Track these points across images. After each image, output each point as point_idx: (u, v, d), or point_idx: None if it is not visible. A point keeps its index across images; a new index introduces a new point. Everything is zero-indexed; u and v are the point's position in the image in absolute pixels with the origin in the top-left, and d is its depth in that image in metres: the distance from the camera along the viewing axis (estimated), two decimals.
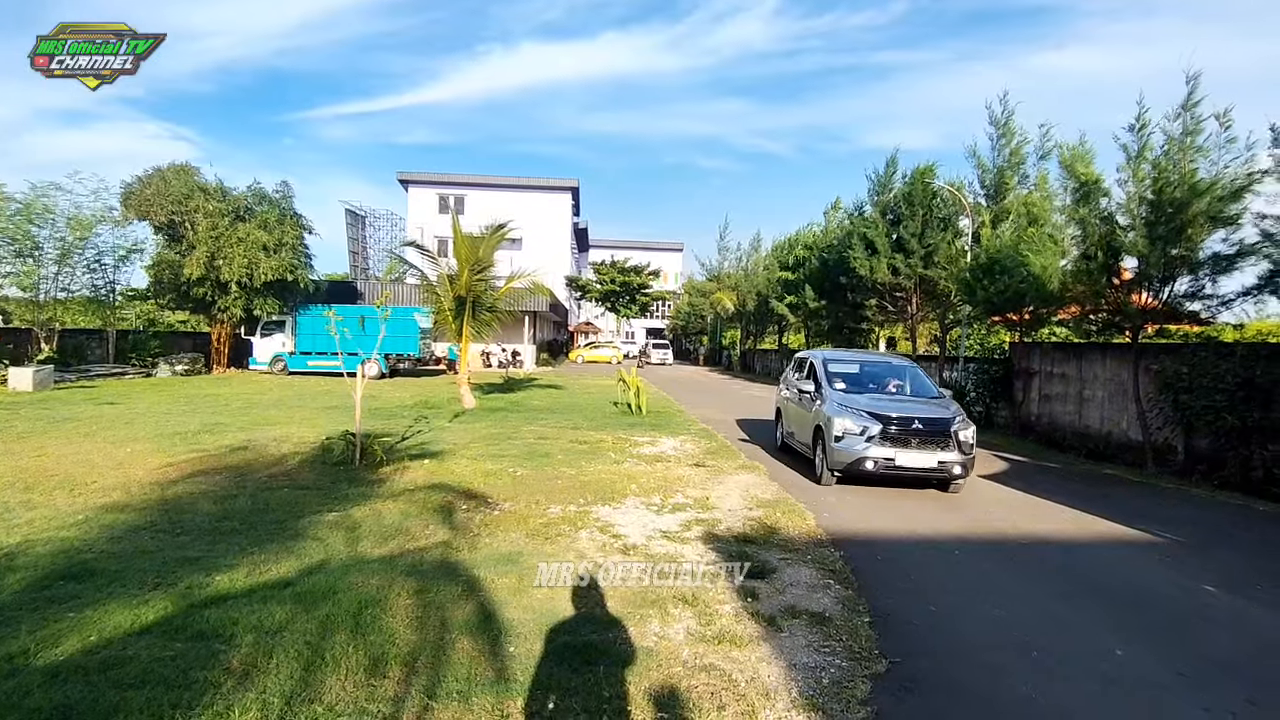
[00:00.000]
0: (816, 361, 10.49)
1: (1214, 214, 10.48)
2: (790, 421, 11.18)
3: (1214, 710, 3.58)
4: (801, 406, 10.36)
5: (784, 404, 11.76)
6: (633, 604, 4.59)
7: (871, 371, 10.50)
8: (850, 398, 9.26)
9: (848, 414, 8.72)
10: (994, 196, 18.25)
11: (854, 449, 8.46)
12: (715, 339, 52.22)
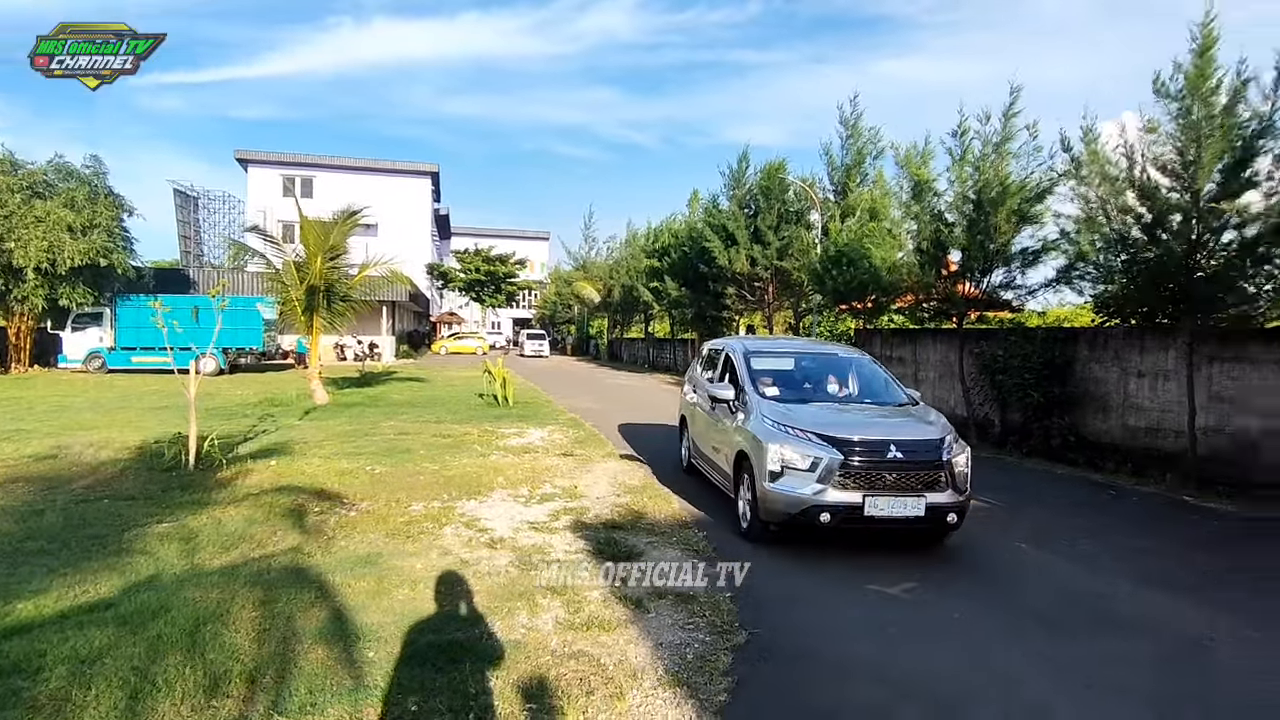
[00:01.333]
0: (734, 355, 7.37)
1: (1023, 213, 11.79)
2: (700, 438, 8.08)
3: (1028, 653, 4.05)
4: (715, 419, 7.29)
5: (690, 412, 8.61)
6: (500, 598, 4.52)
7: (811, 368, 7.55)
8: (790, 410, 6.21)
9: (788, 437, 5.76)
10: (841, 193, 19.51)
11: (799, 492, 5.53)
12: (583, 329, 52.34)
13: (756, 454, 5.94)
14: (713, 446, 7.46)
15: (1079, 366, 11.07)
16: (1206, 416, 9.17)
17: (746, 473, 6.16)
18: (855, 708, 3.40)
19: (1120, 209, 9.50)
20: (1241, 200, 8.53)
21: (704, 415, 7.86)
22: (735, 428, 6.62)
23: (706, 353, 8.78)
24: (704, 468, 7.95)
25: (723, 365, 7.66)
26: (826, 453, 5.55)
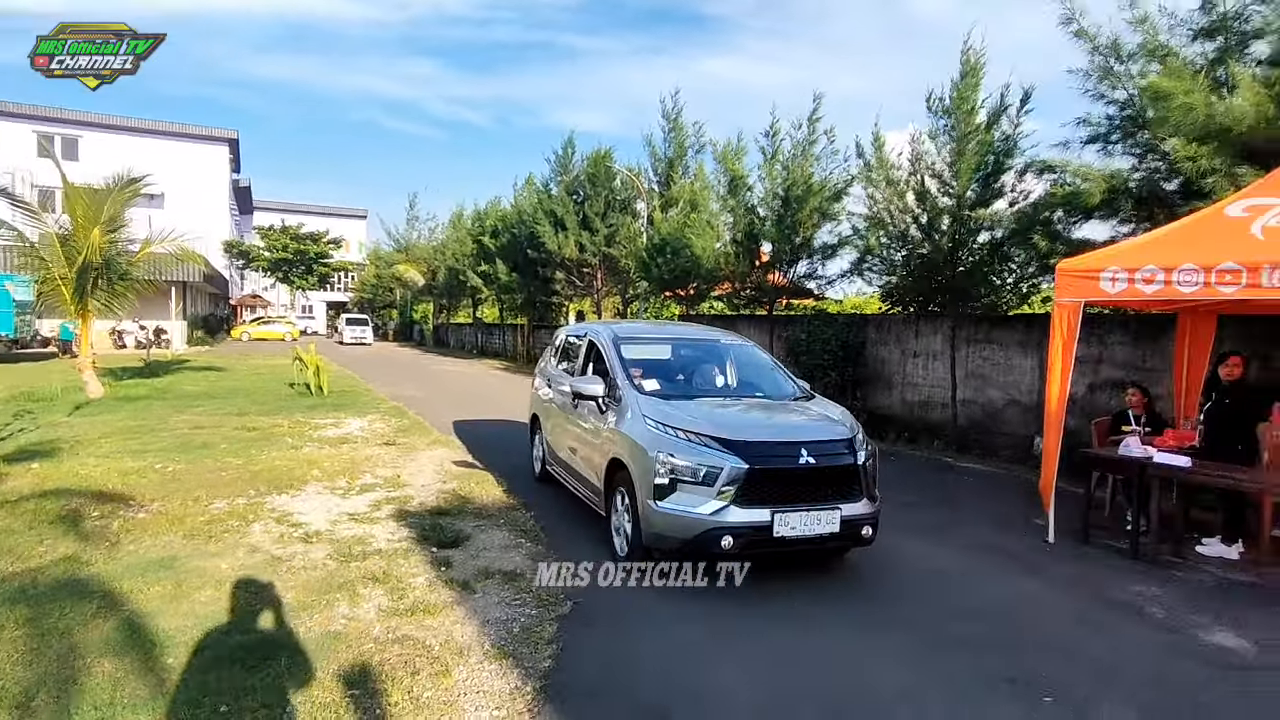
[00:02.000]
0: (602, 342, 6.11)
1: (823, 210, 13.02)
2: (557, 441, 6.79)
3: (847, 619, 4.56)
4: (577, 419, 6.10)
5: (544, 410, 7.30)
6: (317, 591, 4.34)
7: (691, 357, 6.41)
8: (675, 408, 5.04)
9: (678, 443, 4.68)
10: (665, 183, 20.26)
11: (694, 512, 4.51)
12: (406, 313, 49.97)
13: (638, 464, 4.79)
14: (574, 451, 6.19)
15: (869, 349, 12.47)
16: (964, 390, 10.75)
17: (623, 486, 5.03)
18: (672, 660, 3.69)
19: (901, 210, 10.80)
20: (992, 207, 10.06)
21: (562, 414, 6.54)
22: (607, 430, 5.38)
23: (563, 341, 7.39)
24: (563, 476, 6.64)
25: (586, 355, 6.39)
26: (727, 461, 4.52)
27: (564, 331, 7.60)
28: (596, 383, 5.69)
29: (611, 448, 5.30)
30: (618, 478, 5.21)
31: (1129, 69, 7.81)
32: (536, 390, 7.79)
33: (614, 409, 5.44)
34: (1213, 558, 5.63)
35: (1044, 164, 9.05)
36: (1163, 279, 5.22)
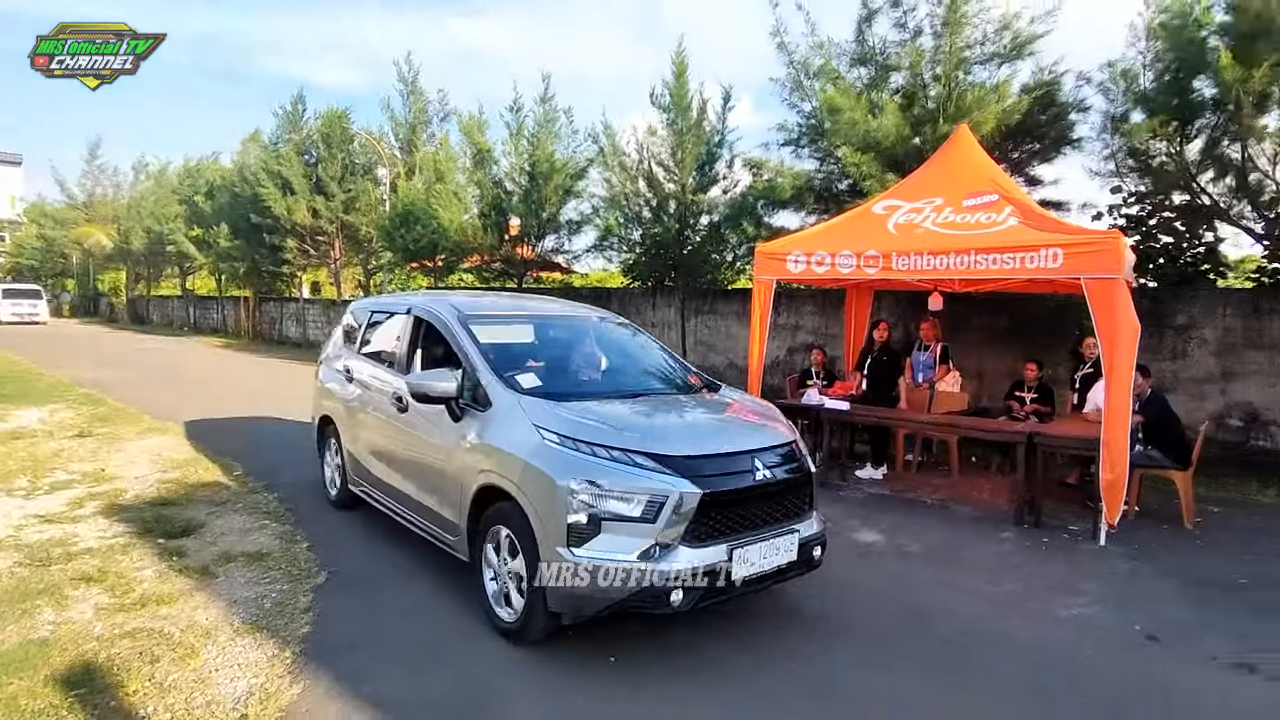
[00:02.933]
0: (444, 321, 4.47)
1: (567, 188, 13.63)
2: (367, 456, 5.09)
3: None
4: (409, 428, 4.49)
5: (342, 413, 5.48)
6: (7, 602, 3.85)
7: (563, 340, 4.94)
8: (577, 413, 3.64)
9: (600, 464, 3.32)
10: (408, 149, 19.48)
11: (630, 560, 3.21)
12: (88, 284, 41.74)
13: (537, 497, 3.33)
14: (403, 471, 4.53)
15: None
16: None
17: (505, 526, 3.55)
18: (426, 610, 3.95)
19: (634, 193, 11.77)
20: (710, 194, 11.41)
21: (378, 419, 4.83)
22: (468, 445, 3.81)
23: (363, 320, 5.63)
24: (383, 501, 4.90)
25: (413, 339, 4.72)
26: (673, 485, 3.24)
27: (362, 307, 5.84)
28: (445, 378, 3.87)
29: (478, 470, 3.69)
30: (491, 513, 3.65)
31: (814, 85, 9.39)
32: (324, 384, 5.82)
33: (475, 415, 3.82)
34: (865, 479, 7.23)
35: (751, 160, 10.52)
36: (830, 262, 6.53)
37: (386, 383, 4.84)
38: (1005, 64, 8.99)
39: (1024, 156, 9.20)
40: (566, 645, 3.52)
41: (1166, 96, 7.83)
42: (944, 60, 8.95)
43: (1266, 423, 7.75)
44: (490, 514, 3.68)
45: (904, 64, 9.15)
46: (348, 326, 5.96)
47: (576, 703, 3.09)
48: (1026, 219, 6.07)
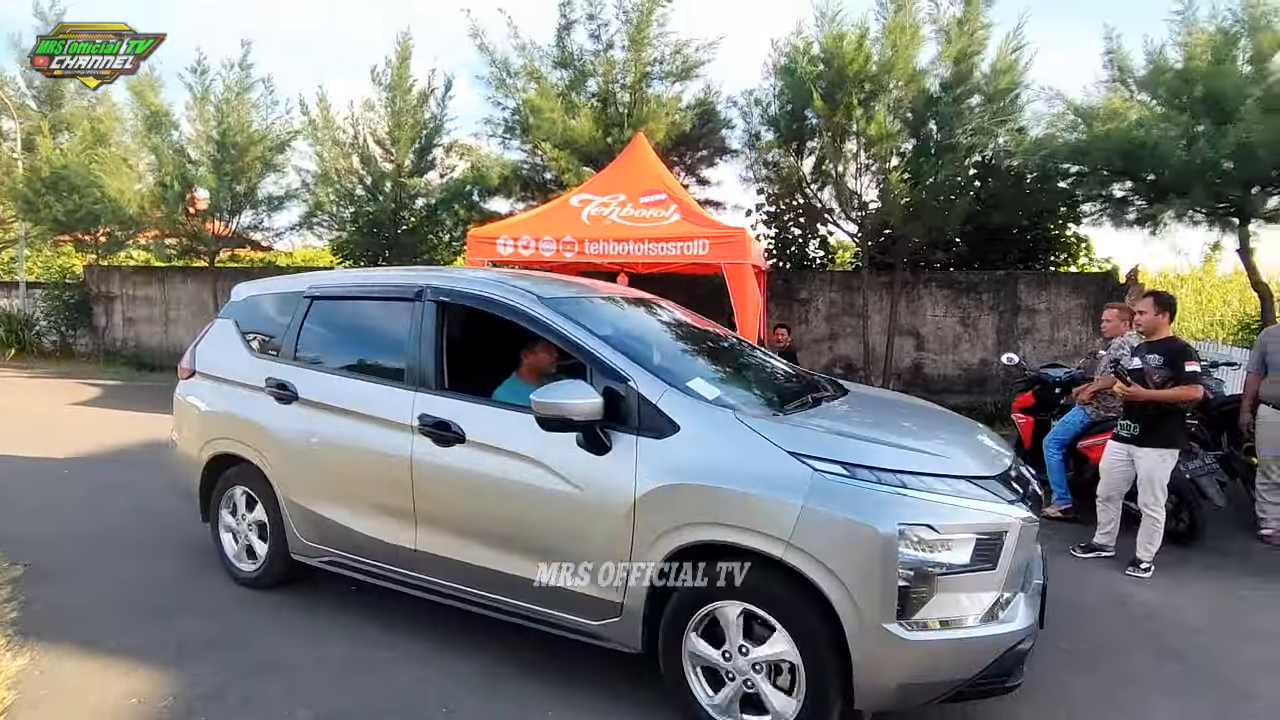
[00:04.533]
0: (522, 310, 3.05)
1: (266, 160, 12.82)
2: (364, 512, 3.35)
3: None
4: (483, 475, 2.92)
5: (287, 450, 3.59)
6: None
7: (647, 330, 3.58)
8: (828, 429, 2.65)
9: (920, 496, 2.33)
10: (48, 101, 16.33)
11: (980, 627, 2.34)
12: None
13: (837, 554, 2.29)
14: (464, 535, 3.04)
15: None
16: None
17: (747, 602, 2.45)
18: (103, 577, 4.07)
19: (348, 170, 11.61)
20: (426, 177, 11.74)
21: (376, 459, 3.25)
22: (651, 490, 2.54)
23: (294, 312, 3.81)
24: (393, 575, 3.32)
25: (437, 339, 3.22)
26: (1008, 513, 2.44)
27: (281, 293, 3.96)
28: (584, 393, 2.62)
29: (679, 525, 2.50)
30: (688, 590, 2.53)
31: (517, 83, 10.25)
32: (213, 408, 3.97)
33: (644, 444, 2.61)
34: None
35: (464, 147, 11.09)
36: (534, 247, 7.48)
37: (391, 405, 3.19)
38: (678, 82, 10.77)
39: (693, 161, 11.11)
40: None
41: (788, 122, 10.10)
42: (632, 73, 10.41)
43: (858, 369, 10.52)
44: (686, 592, 2.52)
45: (599, 72, 10.43)
46: (251, 322, 4.02)
47: None
48: (686, 215, 7.63)
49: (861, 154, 10.01)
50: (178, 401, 4.25)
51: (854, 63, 9.26)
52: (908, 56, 9.53)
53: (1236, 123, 7.62)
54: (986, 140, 9.62)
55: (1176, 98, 8.54)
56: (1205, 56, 8.42)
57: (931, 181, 9.53)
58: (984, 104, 9.58)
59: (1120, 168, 8.75)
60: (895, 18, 9.65)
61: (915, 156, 9.87)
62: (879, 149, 9.66)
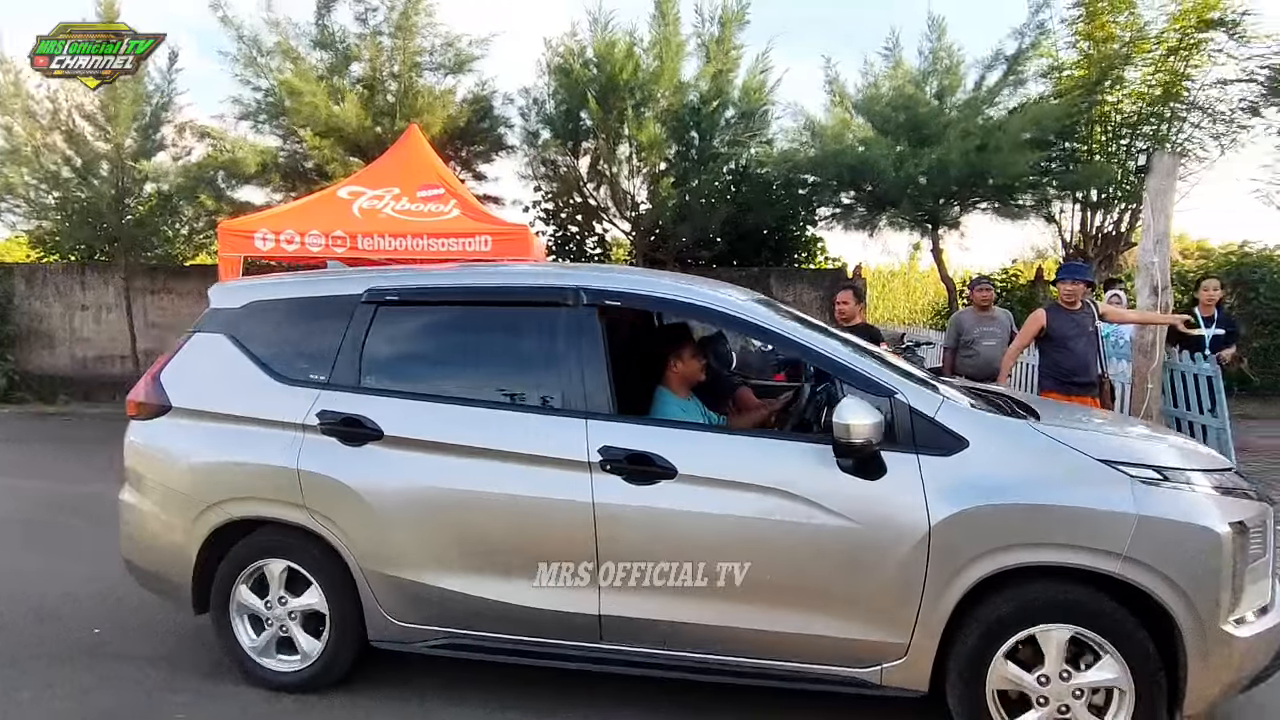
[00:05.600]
0: (735, 317, 2.70)
1: None
2: (508, 573, 2.62)
3: None
4: (702, 513, 2.43)
5: (373, 506, 2.67)
6: None
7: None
8: (1093, 431, 2.61)
9: (1211, 494, 2.34)
10: None
11: (1267, 616, 2.36)
12: None
13: (1178, 562, 2.19)
14: (677, 587, 2.48)
15: (20, 303, 10.84)
16: (145, 341, 10.76)
17: (1072, 624, 2.27)
18: None
19: (49, 147, 9.74)
20: (157, 159, 10.22)
21: (534, 508, 2.57)
22: (952, 515, 2.26)
23: (355, 321, 2.85)
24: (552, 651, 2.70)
25: (605, 353, 2.64)
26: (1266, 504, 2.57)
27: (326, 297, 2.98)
28: (868, 412, 2.27)
29: (985, 551, 2.27)
30: (999, 612, 2.32)
31: (270, 63, 9.33)
32: (241, 462, 2.88)
33: (928, 462, 2.34)
34: None
35: (202, 129, 9.84)
36: (299, 241, 6.92)
37: (554, 437, 2.57)
38: (451, 75, 10.50)
39: (470, 156, 10.93)
40: None
41: (564, 122, 10.34)
42: (400, 61, 9.95)
43: None
44: (994, 622, 2.30)
45: (364, 56, 9.83)
46: (267, 337, 2.97)
47: None
48: (466, 210, 7.52)
49: (634, 157, 10.55)
50: (138, 450, 3.02)
51: (624, 70, 9.72)
52: (674, 69, 10.22)
53: (930, 146, 9.25)
54: (741, 150, 10.64)
55: (886, 123, 10.13)
56: (907, 90, 10.12)
57: (696, 186, 10.35)
58: (738, 118, 10.59)
59: (848, 180, 10.20)
60: (662, 31, 10.30)
61: (681, 162, 10.63)
62: (649, 154, 10.26)
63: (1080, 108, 9.68)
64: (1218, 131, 10.04)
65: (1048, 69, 10.35)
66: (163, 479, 2.92)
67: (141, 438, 3.00)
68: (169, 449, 2.93)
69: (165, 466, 2.93)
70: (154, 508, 2.92)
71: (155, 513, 2.92)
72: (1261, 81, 9.53)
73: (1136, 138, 10.06)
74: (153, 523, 2.93)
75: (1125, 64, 9.80)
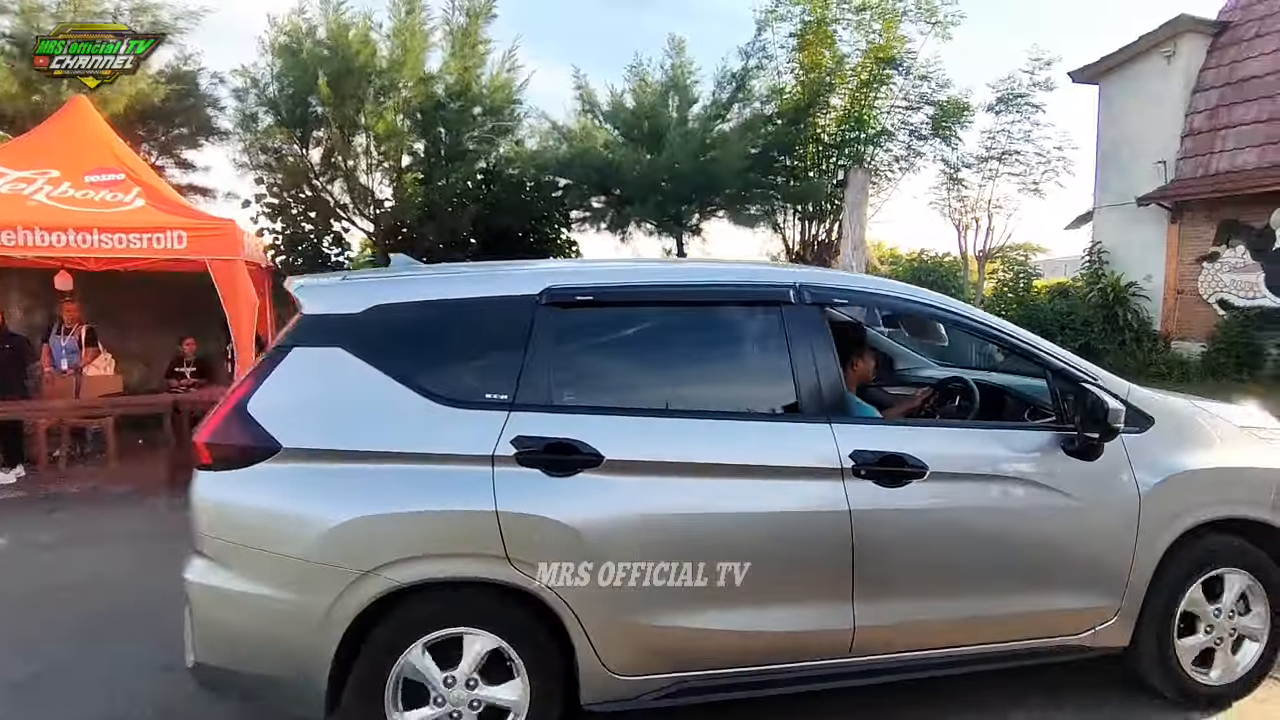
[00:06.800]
0: (946, 312, 2.73)
1: None
2: (762, 601, 2.24)
3: None
4: (969, 506, 2.42)
5: (598, 548, 2.07)
6: None
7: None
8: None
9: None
10: None
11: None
12: None
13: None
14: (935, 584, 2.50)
15: None
16: None
17: (1238, 570, 2.72)
18: None
19: None
20: None
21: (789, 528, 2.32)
22: (1156, 484, 2.54)
23: (539, 326, 2.29)
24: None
25: (838, 351, 2.54)
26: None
27: (571, 282, 2.44)
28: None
29: (1188, 510, 2.60)
30: (1179, 574, 2.63)
31: None
32: (397, 513, 2.11)
33: (1133, 443, 2.55)
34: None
35: None
36: None
37: (799, 446, 2.39)
38: None
39: (169, 140, 9.39)
40: None
41: (291, 107, 9.28)
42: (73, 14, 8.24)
43: None
44: (1182, 570, 2.62)
45: (14, 8, 7.99)
46: (409, 352, 2.31)
47: None
48: (155, 201, 6.38)
49: (373, 150, 9.80)
50: (226, 512, 2.19)
51: (361, 54, 8.98)
52: (417, 59, 9.64)
53: (669, 154, 9.73)
54: (490, 149, 10.36)
55: (631, 130, 10.49)
56: (650, 101, 10.57)
57: (444, 184, 9.87)
58: (486, 114, 10.28)
59: (596, 182, 10.40)
60: (405, 20, 9.67)
61: (427, 158, 10.08)
62: (390, 146, 9.58)
63: (796, 128, 10.81)
64: (899, 155, 11.81)
65: (770, 91, 11.42)
66: (280, 546, 2.12)
67: (231, 494, 2.18)
68: (288, 505, 2.15)
69: (284, 529, 2.14)
70: (264, 587, 2.12)
71: (268, 594, 2.12)
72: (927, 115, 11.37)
73: (842, 157, 11.48)
74: (263, 607, 2.13)
75: (830, 91, 11.14)
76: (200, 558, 2.18)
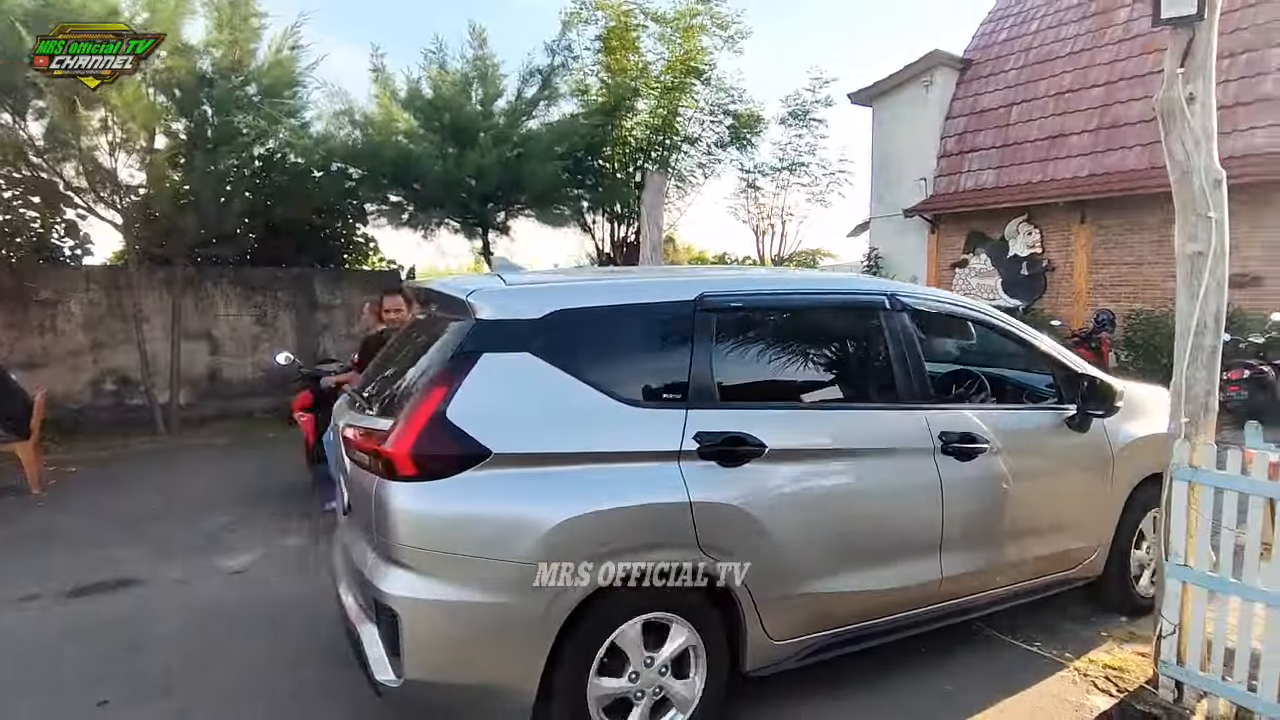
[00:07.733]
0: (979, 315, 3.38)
1: None
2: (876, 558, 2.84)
3: None
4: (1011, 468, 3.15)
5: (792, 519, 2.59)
6: None
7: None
8: None
9: None
10: None
11: None
12: None
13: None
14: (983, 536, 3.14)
15: None
16: None
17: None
18: None
19: None
20: None
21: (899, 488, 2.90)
22: (1122, 447, 3.41)
23: (706, 319, 2.61)
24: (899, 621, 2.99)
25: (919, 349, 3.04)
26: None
27: (724, 289, 2.77)
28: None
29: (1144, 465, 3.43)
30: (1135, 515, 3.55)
31: None
32: (625, 507, 2.32)
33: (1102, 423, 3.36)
34: None
35: None
36: None
37: (908, 430, 2.86)
38: None
39: None
40: None
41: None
42: None
43: (137, 382, 8.84)
44: (1138, 513, 3.51)
45: None
46: (591, 356, 2.40)
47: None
48: None
49: (115, 127, 8.36)
50: (437, 523, 2.16)
51: (86, 9, 7.60)
52: (172, 24, 8.34)
53: (473, 149, 9.27)
54: (267, 134, 9.26)
55: (431, 121, 9.87)
56: (450, 92, 9.99)
57: (211, 170, 8.67)
58: (261, 94, 9.16)
59: (393, 175, 9.66)
60: None
61: (189, 140, 8.80)
62: (139, 123, 8.23)
63: (602, 129, 10.78)
64: (701, 161, 12.24)
65: (576, 89, 11.32)
66: (499, 551, 2.16)
67: (438, 503, 2.15)
68: (504, 510, 2.19)
69: (501, 534, 2.17)
70: (482, 593, 2.16)
71: (485, 600, 2.16)
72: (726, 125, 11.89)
73: (647, 160, 11.65)
74: (481, 613, 2.17)
75: (636, 96, 11.26)
76: (402, 569, 2.15)
